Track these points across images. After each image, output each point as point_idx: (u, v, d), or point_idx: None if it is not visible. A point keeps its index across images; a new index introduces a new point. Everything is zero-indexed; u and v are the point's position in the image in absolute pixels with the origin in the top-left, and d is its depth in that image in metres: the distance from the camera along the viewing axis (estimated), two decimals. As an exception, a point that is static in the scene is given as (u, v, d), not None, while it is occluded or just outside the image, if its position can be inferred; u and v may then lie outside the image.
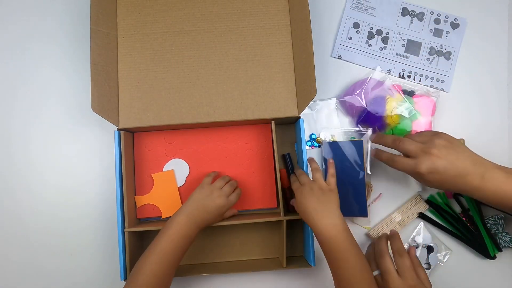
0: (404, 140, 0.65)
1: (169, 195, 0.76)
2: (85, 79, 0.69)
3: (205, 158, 0.77)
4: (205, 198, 0.69)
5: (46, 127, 0.80)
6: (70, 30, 0.81)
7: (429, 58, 0.81)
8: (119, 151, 0.70)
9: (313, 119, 0.80)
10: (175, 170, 0.77)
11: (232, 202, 0.71)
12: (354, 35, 0.82)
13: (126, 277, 0.69)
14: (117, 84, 0.72)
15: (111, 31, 0.73)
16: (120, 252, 0.69)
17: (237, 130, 0.78)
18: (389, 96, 0.76)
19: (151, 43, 0.73)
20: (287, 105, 0.72)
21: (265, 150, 0.77)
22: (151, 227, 0.71)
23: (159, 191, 0.76)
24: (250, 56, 0.73)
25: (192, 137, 0.78)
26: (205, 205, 0.68)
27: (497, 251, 0.74)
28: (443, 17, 0.82)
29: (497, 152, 0.79)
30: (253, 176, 0.77)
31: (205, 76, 0.73)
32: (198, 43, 0.73)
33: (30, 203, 0.78)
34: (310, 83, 0.67)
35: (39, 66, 0.81)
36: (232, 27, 0.74)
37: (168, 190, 0.76)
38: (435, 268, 0.76)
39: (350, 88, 0.79)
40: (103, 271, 0.77)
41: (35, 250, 0.77)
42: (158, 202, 0.76)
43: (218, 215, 0.70)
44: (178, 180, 0.77)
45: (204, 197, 0.69)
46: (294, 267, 0.72)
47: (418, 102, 0.77)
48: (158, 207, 0.76)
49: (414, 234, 0.77)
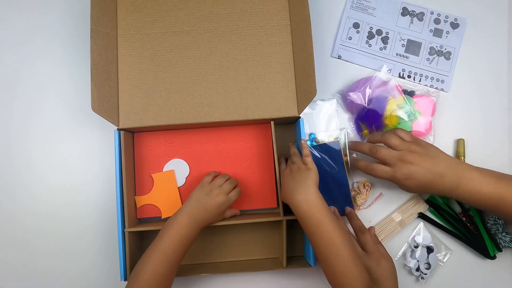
0: (381, 149, 0.68)
1: (169, 195, 0.76)
2: (86, 78, 0.68)
3: (205, 158, 0.77)
4: (204, 196, 0.69)
5: (46, 127, 0.80)
6: (71, 28, 0.81)
7: (429, 58, 0.81)
8: (119, 151, 0.70)
9: (312, 119, 0.80)
10: (175, 170, 0.77)
11: (231, 199, 0.71)
12: (354, 35, 0.82)
13: (126, 277, 0.69)
14: (117, 84, 0.72)
15: (111, 31, 0.73)
16: (120, 252, 0.69)
17: (237, 130, 0.78)
18: (391, 97, 0.76)
19: (151, 43, 0.73)
20: (287, 105, 0.72)
21: (265, 150, 0.77)
22: (151, 227, 0.71)
23: (159, 191, 0.76)
24: (250, 56, 0.73)
25: (192, 137, 0.78)
26: (204, 204, 0.68)
27: (497, 251, 0.74)
28: (443, 17, 0.82)
29: (497, 152, 0.79)
30: (253, 176, 0.77)
31: (205, 76, 0.73)
32: (198, 43, 0.73)
33: (29, 203, 0.78)
34: (310, 83, 0.67)
35: (39, 64, 0.81)
36: (232, 27, 0.74)
37: (168, 190, 0.76)
38: (435, 268, 0.76)
39: (354, 85, 0.79)
40: (103, 271, 0.77)
41: (34, 250, 0.77)
42: (158, 202, 0.76)
43: (218, 213, 0.70)
44: (178, 180, 0.77)
45: (203, 196, 0.69)
46: (294, 267, 0.72)
47: (418, 102, 0.77)
48: (158, 207, 0.76)
49: (414, 234, 0.77)
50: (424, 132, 0.77)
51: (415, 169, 0.65)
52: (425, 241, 0.76)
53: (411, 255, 0.76)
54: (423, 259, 0.75)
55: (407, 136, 0.69)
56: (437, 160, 0.65)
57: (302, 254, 0.77)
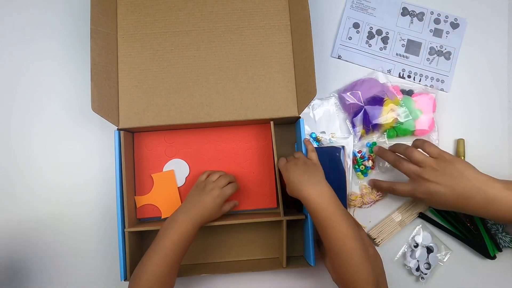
0: (403, 163, 0.68)
1: (169, 195, 0.76)
2: (86, 78, 0.68)
3: (205, 158, 0.77)
4: (200, 193, 0.69)
5: (46, 127, 0.80)
6: (72, 28, 0.81)
7: (429, 58, 0.81)
8: (119, 151, 0.70)
9: (312, 118, 0.80)
10: (175, 170, 0.77)
11: (226, 192, 0.70)
12: (354, 35, 0.82)
13: (126, 277, 0.69)
14: (117, 84, 0.72)
15: (111, 31, 0.73)
16: (120, 252, 0.69)
17: (237, 130, 0.78)
18: (387, 98, 0.76)
19: (151, 43, 0.73)
20: (287, 105, 0.72)
21: (265, 150, 0.77)
22: (151, 227, 0.71)
23: (159, 191, 0.76)
24: (250, 56, 0.73)
25: (192, 137, 0.78)
26: (200, 200, 0.68)
27: (497, 251, 0.74)
28: (443, 17, 0.82)
29: (497, 152, 0.79)
30: (253, 176, 0.77)
31: (205, 76, 0.73)
32: (198, 43, 0.73)
33: (30, 203, 0.78)
34: (310, 83, 0.67)
35: (39, 64, 0.81)
36: (232, 27, 0.74)
37: (168, 190, 0.76)
38: (435, 268, 0.76)
39: (351, 85, 0.79)
40: (103, 272, 0.77)
41: (34, 250, 0.77)
42: (158, 202, 0.76)
43: (214, 207, 0.69)
44: (178, 180, 0.77)
45: (199, 193, 0.69)
46: (294, 267, 0.72)
47: (418, 100, 0.77)
48: (158, 207, 0.76)
49: (414, 234, 0.77)
50: (427, 130, 0.77)
51: (434, 188, 0.63)
52: (425, 241, 0.76)
53: (411, 255, 0.76)
54: (423, 259, 0.75)
55: (433, 151, 0.65)
56: (461, 179, 0.62)
57: (302, 254, 0.77)
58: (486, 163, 0.70)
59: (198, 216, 0.67)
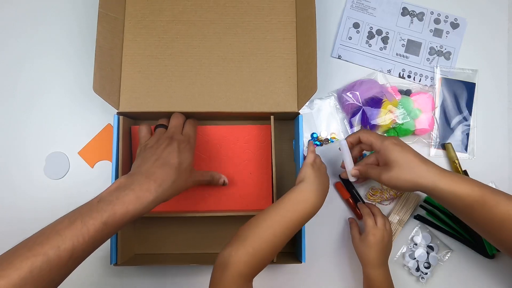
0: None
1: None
2: (90, 65, 0.68)
3: (204, 157, 0.77)
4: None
5: (45, 124, 0.80)
6: (81, 10, 0.81)
7: (429, 58, 0.82)
8: (117, 135, 0.70)
9: (312, 118, 0.80)
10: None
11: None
12: (354, 35, 0.83)
13: (117, 261, 0.68)
14: (120, 68, 0.73)
15: (118, 16, 0.73)
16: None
17: (237, 130, 0.77)
18: (386, 99, 0.77)
19: (157, 30, 0.74)
20: (287, 100, 0.73)
21: (264, 150, 0.77)
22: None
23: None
24: (254, 50, 0.74)
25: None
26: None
27: (495, 251, 0.74)
28: (443, 17, 0.83)
29: (497, 152, 0.80)
30: (251, 177, 0.77)
31: (208, 67, 0.73)
32: (203, 33, 0.74)
33: (29, 188, 0.78)
34: (312, 79, 0.68)
35: (43, 49, 0.81)
36: (238, 20, 0.75)
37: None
38: (435, 268, 0.76)
39: (350, 85, 0.80)
40: (92, 255, 0.76)
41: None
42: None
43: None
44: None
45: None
46: (284, 263, 0.72)
47: (417, 99, 0.78)
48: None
49: (413, 234, 0.77)
50: (428, 128, 0.77)
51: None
52: (425, 241, 0.76)
53: (411, 255, 0.76)
54: (422, 259, 0.75)
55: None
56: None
57: (293, 251, 0.77)
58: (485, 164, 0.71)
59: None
